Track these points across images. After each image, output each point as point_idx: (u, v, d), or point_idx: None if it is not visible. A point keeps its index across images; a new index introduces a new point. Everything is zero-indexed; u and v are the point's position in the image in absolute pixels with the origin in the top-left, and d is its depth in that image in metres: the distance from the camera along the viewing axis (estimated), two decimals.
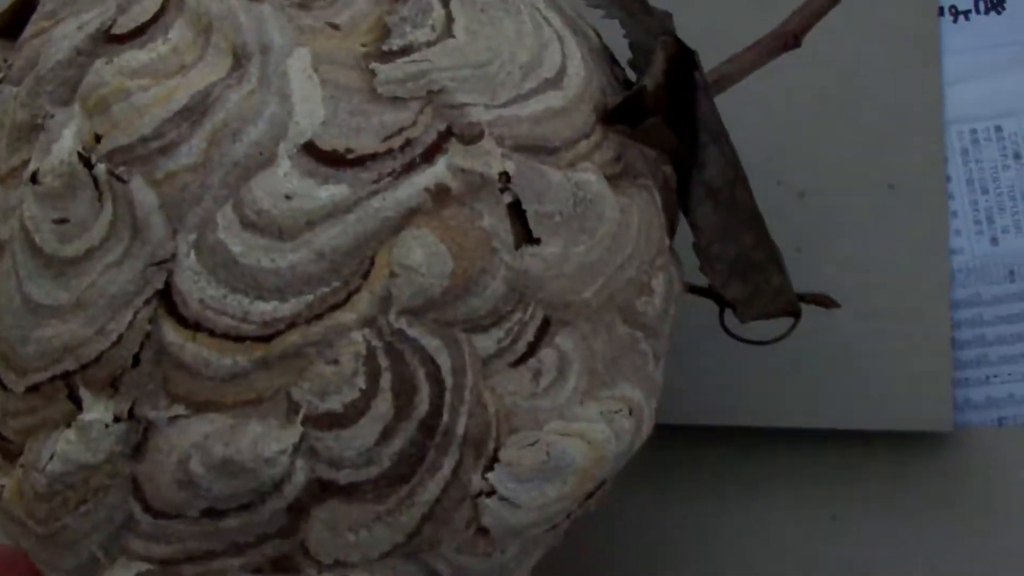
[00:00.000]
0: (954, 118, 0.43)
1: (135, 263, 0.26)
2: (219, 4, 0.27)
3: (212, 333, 0.25)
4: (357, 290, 0.26)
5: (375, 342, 0.26)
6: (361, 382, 0.26)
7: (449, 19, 0.27)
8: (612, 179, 0.28)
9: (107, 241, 0.26)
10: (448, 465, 0.27)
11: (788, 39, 0.36)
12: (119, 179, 0.26)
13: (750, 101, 0.37)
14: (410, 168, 0.26)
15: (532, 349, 0.27)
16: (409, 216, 0.26)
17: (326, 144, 0.26)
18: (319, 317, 0.25)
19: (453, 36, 0.27)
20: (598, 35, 0.32)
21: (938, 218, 0.42)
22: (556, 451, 0.27)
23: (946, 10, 0.44)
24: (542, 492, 0.27)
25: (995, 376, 0.42)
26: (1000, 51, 0.43)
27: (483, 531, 0.27)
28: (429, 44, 0.27)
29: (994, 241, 0.42)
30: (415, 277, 0.26)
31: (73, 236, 0.26)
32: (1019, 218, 0.42)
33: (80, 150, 0.26)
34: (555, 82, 0.28)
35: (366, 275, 0.26)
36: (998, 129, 0.43)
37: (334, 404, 0.26)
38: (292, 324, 0.25)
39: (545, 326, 0.27)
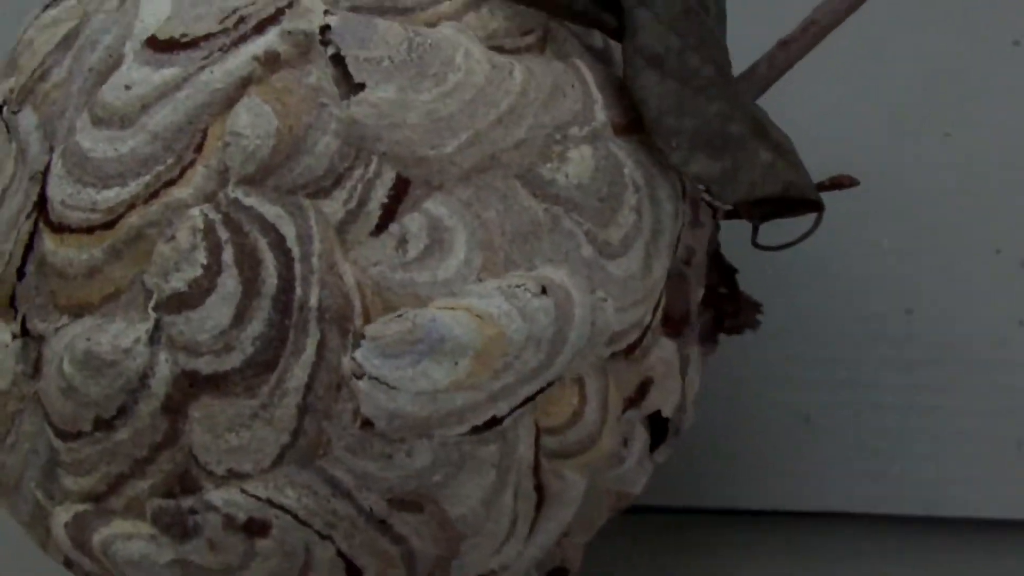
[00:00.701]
0: None
1: (22, 183, 0.27)
2: None
3: (71, 230, 0.26)
4: (191, 164, 0.25)
5: (212, 215, 0.25)
6: (202, 257, 0.25)
7: None
8: (499, 47, 0.27)
9: (13, 176, 0.27)
10: (311, 345, 0.25)
11: None
12: (13, 113, 0.27)
13: (967, 169, 0.38)
14: (241, 40, 0.26)
15: (389, 213, 0.25)
16: (242, 87, 0.26)
17: (164, 34, 0.26)
18: (155, 195, 0.25)
19: None
20: None
21: None
22: (423, 320, 0.24)
23: None
24: (423, 372, 0.25)
25: None
26: None
27: (368, 424, 0.25)
28: None
29: None
30: (241, 141, 0.25)
31: None
32: None
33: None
34: None
35: (199, 148, 0.25)
36: None
37: (178, 283, 0.25)
38: (131, 206, 0.26)
39: (403, 187, 0.25)
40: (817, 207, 0.28)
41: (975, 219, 0.40)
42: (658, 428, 0.30)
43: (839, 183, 0.29)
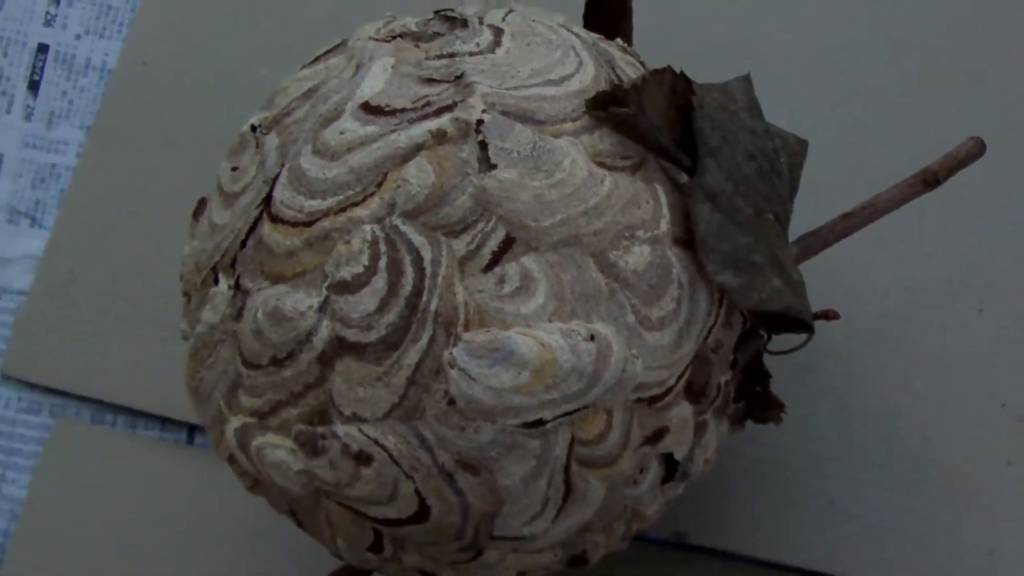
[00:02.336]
0: None
1: (258, 184, 0.39)
2: (362, 44, 0.40)
3: (283, 222, 0.37)
4: (371, 195, 0.36)
5: (378, 233, 0.36)
6: (365, 260, 0.36)
7: (496, 43, 0.39)
8: (602, 163, 0.37)
9: (253, 177, 0.39)
10: (425, 337, 0.35)
11: (929, 177, 0.43)
12: (263, 135, 0.39)
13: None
14: (423, 118, 0.37)
15: (496, 259, 0.35)
16: (416, 150, 0.36)
17: (374, 102, 0.37)
18: (343, 210, 0.36)
19: (494, 52, 0.38)
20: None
21: None
22: (503, 337, 0.35)
23: None
24: (495, 374, 0.35)
25: None
26: None
27: (452, 402, 0.35)
28: (472, 53, 0.38)
29: None
30: (408, 186, 0.36)
31: (238, 178, 0.40)
32: None
33: (252, 124, 0.40)
34: (556, 83, 0.38)
35: (379, 185, 0.36)
36: None
37: (346, 274, 0.36)
38: (326, 214, 0.36)
39: (509, 243, 0.36)
40: (809, 328, 0.38)
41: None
42: (671, 468, 0.40)
43: (825, 315, 0.39)
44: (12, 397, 0.53)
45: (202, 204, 0.41)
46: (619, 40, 0.42)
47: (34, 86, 0.57)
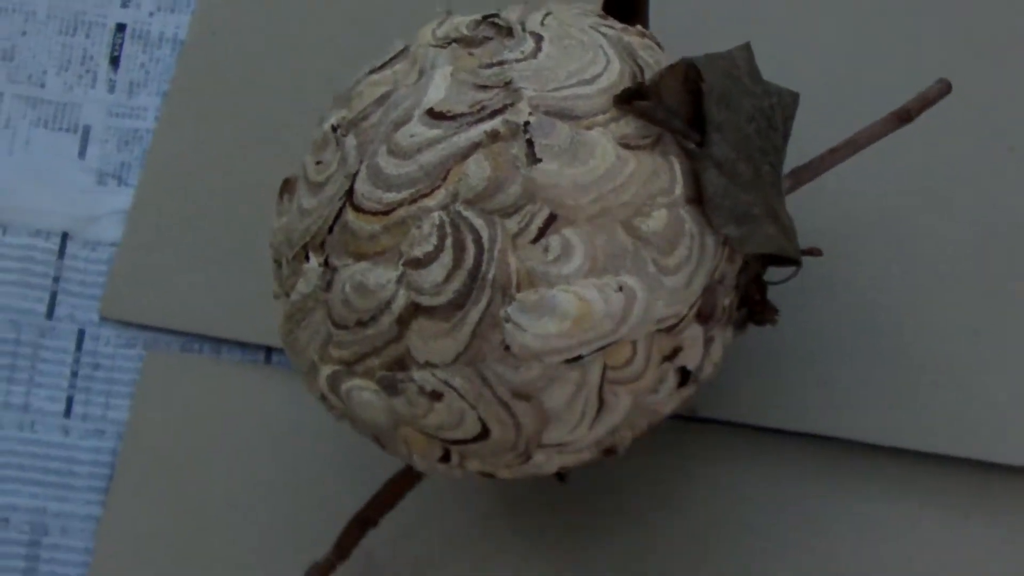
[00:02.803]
0: None
1: (340, 178, 0.46)
2: (423, 51, 0.47)
3: (364, 211, 0.44)
4: (438, 187, 0.43)
5: (444, 218, 0.43)
6: (434, 240, 0.43)
7: (538, 49, 0.46)
8: (628, 144, 0.44)
9: (335, 172, 0.47)
10: (484, 300, 0.43)
11: (903, 115, 0.50)
12: (343, 136, 0.46)
13: None
14: (479, 121, 0.44)
15: (542, 233, 0.43)
16: (474, 148, 0.43)
17: (438, 108, 0.44)
18: (415, 201, 0.43)
19: (536, 58, 0.46)
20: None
21: None
22: (548, 295, 0.43)
23: None
24: (543, 324, 0.42)
25: None
26: None
27: (507, 348, 0.43)
28: (518, 60, 0.45)
29: None
30: (468, 179, 0.43)
31: (321, 170, 0.47)
32: None
33: (332, 124, 0.47)
34: (588, 82, 0.45)
35: (444, 178, 0.43)
36: None
37: (418, 253, 0.43)
38: (400, 204, 0.44)
39: (552, 220, 0.43)
40: (798, 263, 0.46)
41: None
42: (685, 376, 0.47)
43: (811, 251, 0.47)
44: (111, 335, 0.62)
45: (286, 184, 0.49)
46: (639, 27, 0.49)
47: (115, 61, 0.65)
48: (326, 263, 0.45)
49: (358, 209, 0.44)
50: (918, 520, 0.55)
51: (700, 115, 0.45)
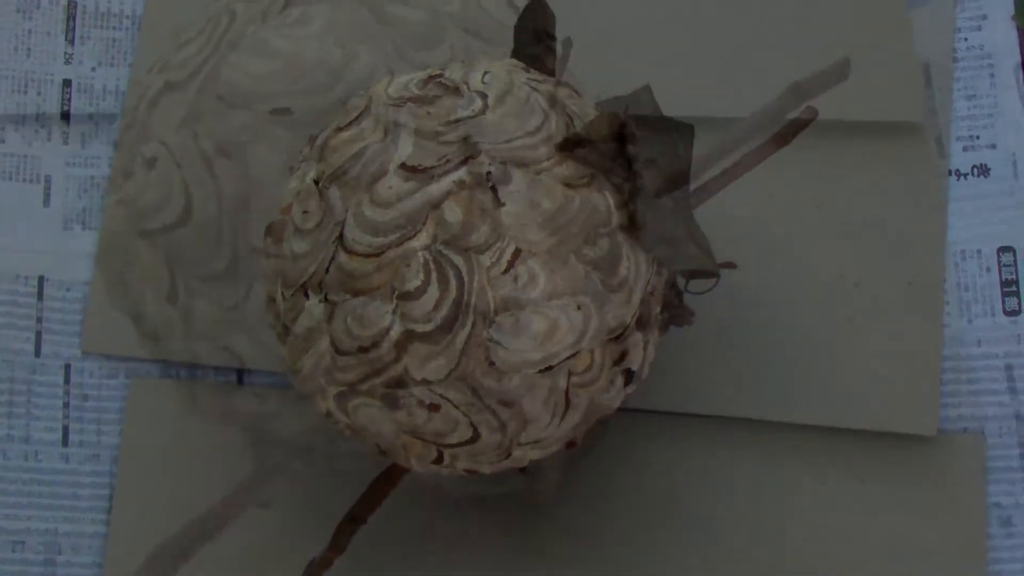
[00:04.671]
0: None
1: (327, 226, 0.54)
2: (384, 110, 0.55)
3: (355, 254, 0.52)
4: (419, 231, 0.51)
5: (428, 257, 0.51)
6: (422, 276, 0.50)
7: (485, 107, 0.54)
8: (570, 184, 0.53)
9: (322, 219, 0.54)
10: (469, 324, 0.51)
11: (781, 139, 0.60)
12: (324, 188, 0.54)
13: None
14: (446, 172, 0.51)
15: (511, 264, 0.51)
16: (446, 196, 0.51)
17: (410, 163, 0.52)
18: (401, 243, 0.51)
19: (485, 115, 0.54)
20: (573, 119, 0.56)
21: None
22: (523, 317, 0.51)
23: None
24: (520, 341, 0.51)
25: None
26: None
27: (492, 364, 0.51)
28: (471, 117, 0.54)
29: None
30: (445, 224, 0.51)
31: (308, 219, 0.55)
32: None
33: (313, 178, 0.55)
34: (532, 133, 0.53)
35: (424, 223, 0.51)
36: None
37: (410, 287, 0.50)
38: (389, 247, 0.51)
39: (518, 253, 0.51)
40: (716, 276, 0.56)
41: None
42: (629, 376, 0.56)
43: (727, 265, 0.57)
44: (94, 367, 0.68)
45: (270, 229, 0.57)
46: (560, 79, 0.58)
47: (65, 116, 0.71)
48: (325, 299, 0.53)
49: (350, 252, 0.52)
50: (822, 484, 0.63)
51: (626, 156, 0.54)
